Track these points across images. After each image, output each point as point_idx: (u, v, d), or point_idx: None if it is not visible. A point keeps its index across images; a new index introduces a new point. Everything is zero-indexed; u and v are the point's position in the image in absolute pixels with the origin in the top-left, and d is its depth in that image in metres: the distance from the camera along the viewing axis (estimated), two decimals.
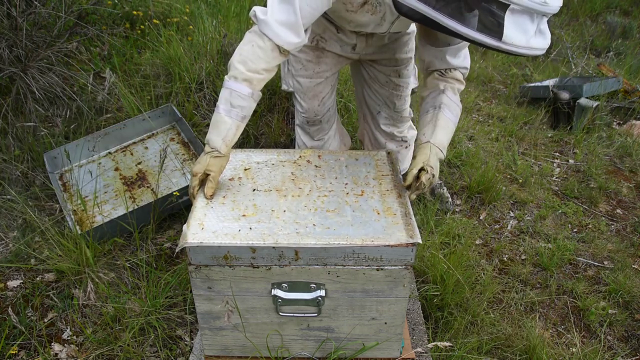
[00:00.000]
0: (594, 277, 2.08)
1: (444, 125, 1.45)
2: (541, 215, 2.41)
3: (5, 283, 1.75)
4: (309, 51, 1.70)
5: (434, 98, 1.49)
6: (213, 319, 1.30)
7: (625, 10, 6.23)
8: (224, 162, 1.35)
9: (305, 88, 1.76)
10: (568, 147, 3.08)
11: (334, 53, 1.72)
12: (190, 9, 3.43)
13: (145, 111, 2.33)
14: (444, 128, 1.45)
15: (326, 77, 1.77)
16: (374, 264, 1.21)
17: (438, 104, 1.47)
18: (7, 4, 2.30)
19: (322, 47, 1.68)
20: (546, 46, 1.10)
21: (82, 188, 2.06)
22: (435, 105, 1.47)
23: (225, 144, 1.32)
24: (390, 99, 1.85)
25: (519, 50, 1.07)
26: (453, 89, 1.50)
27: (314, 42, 1.68)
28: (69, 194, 2.08)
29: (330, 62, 1.73)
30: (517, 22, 1.04)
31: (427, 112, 1.49)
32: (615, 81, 3.56)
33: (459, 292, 1.78)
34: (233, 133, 1.33)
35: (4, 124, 2.29)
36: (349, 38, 1.66)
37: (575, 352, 1.69)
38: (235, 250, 1.19)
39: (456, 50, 1.46)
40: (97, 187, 2.07)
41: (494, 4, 1.03)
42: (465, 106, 3.44)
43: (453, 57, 1.47)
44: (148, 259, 1.87)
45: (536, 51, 1.09)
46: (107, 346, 1.55)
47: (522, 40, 1.06)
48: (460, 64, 1.49)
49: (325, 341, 1.34)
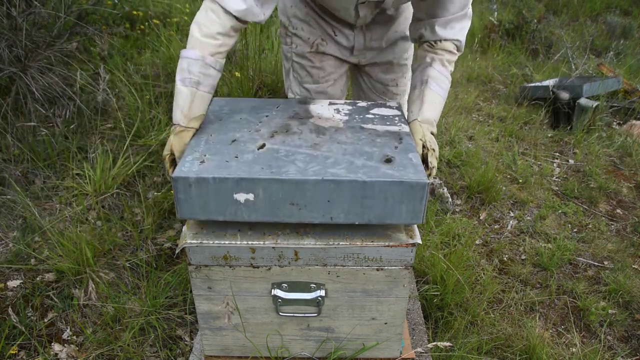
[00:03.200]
0: (594, 277, 2.08)
1: (431, 100, 1.42)
2: (541, 215, 2.41)
3: (5, 283, 1.75)
4: (310, 57, 1.68)
5: (421, 72, 1.46)
6: (213, 319, 1.30)
7: (625, 10, 6.23)
8: (185, 136, 1.28)
9: (314, 94, 1.73)
10: (568, 147, 3.08)
11: (335, 56, 1.71)
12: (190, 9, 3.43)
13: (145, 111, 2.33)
14: (430, 104, 1.41)
15: (334, 80, 1.74)
16: (374, 264, 1.21)
17: (425, 78, 1.43)
18: (7, 4, 2.31)
19: (323, 51, 1.67)
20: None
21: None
22: (423, 80, 1.44)
23: (183, 115, 1.27)
24: None
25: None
26: (442, 60, 1.45)
27: (314, 47, 1.66)
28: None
29: (333, 64, 1.71)
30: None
31: (414, 88, 1.46)
32: (615, 81, 3.56)
33: (459, 292, 1.78)
34: (190, 101, 1.26)
35: (4, 124, 2.29)
36: (346, 40, 1.65)
37: (575, 352, 1.69)
38: (235, 250, 1.19)
39: (446, 22, 1.41)
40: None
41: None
42: (465, 106, 3.44)
43: (443, 28, 1.42)
44: (148, 259, 1.87)
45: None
46: (107, 346, 1.56)
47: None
48: (451, 35, 1.44)
49: (325, 341, 1.35)
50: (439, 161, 2.66)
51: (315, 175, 1.09)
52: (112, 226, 1.98)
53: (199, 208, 1.12)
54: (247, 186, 1.09)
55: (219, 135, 1.27)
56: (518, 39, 4.84)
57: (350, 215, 1.13)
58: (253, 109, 1.43)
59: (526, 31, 4.86)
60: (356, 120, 1.38)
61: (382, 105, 1.50)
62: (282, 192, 1.10)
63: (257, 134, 1.28)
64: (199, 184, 1.09)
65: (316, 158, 1.16)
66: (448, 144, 2.88)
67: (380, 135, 1.29)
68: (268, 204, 1.11)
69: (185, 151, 1.20)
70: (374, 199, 1.11)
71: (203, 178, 1.08)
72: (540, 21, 5.12)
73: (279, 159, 1.15)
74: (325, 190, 1.09)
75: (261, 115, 1.39)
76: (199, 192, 1.10)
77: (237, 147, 1.21)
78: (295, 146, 1.22)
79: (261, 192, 1.10)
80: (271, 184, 1.09)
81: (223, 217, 1.13)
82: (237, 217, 1.13)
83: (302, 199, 1.11)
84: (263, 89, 2.71)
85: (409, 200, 1.10)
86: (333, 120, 1.37)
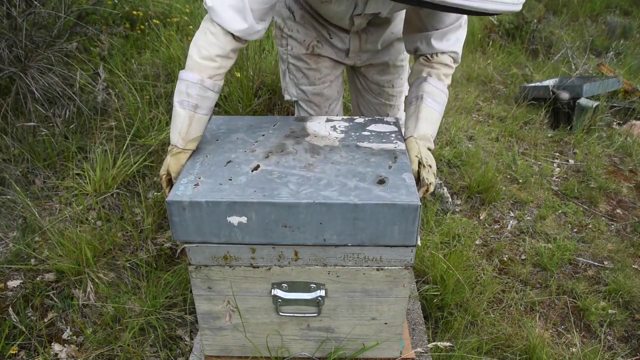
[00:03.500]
0: (594, 277, 2.08)
1: (426, 116, 1.40)
2: (541, 215, 2.41)
3: (5, 283, 1.75)
4: (306, 59, 1.68)
5: (417, 87, 1.44)
6: (213, 319, 1.30)
7: (625, 10, 6.23)
8: (182, 157, 1.29)
9: (311, 95, 1.73)
10: (568, 147, 3.08)
11: (330, 58, 1.70)
12: (190, 9, 3.44)
13: (145, 111, 2.33)
14: (426, 119, 1.40)
15: (330, 81, 1.73)
16: (374, 264, 1.21)
17: (420, 93, 1.42)
18: (7, 4, 2.31)
19: (318, 53, 1.66)
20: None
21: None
22: (418, 96, 1.42)
23: (181, 137, 1.27)
24: (383, 109, 1.83)
25: (504, 7, 1.01)
26: (438, 75, 1.43)
27: (309, 50, 1.66)
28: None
29: (329, 65, 1.71)
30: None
31: (410, 104, 1.45)
32: (615, 81, 3.56)
33: (459, 292, 1.78)
34: (187, 124, 1.27)
35: (4, 124, 2.29)
36: (341, 42, 1.65)
37: (575, 352, 1.69)
38: (235, 250, 1.19)
39: (442, 34, 1.40)
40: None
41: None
42: (465, 106, 3.44)
43: (439, 41, 1.40)
44: (148, 259, 1.87)
45: (515, 6, 1.04)
46: (107, 346, 1.56)
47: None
48: (448, 47, 1.42)
49: (325, 341, 1.35)
50: (438, 161, 2.66)
51: (307, 198, 1.10)
52: (112, 226, 1.98)
53: (193, 231, 1.14)
54: (240, 209, 1.10)
55: (214, 157, 1.28)
56: (518, 39, 4.84)
57: (343, 237, 1.14)
58: (250, 128, 1.43)
59: (526, 31, 4.86)
60: (352, 138, 1.38)
61: (380, 120, 1.49)
62: (274, 215, 1.11)
63: (252, 154, 1.29)
64: (193, 207, 1.11)
65: (309, 180, 1.17)
66: (448, 144, 2.88)
67: (375, 154, 1.29)
68: (261, 227, 1.13)
69: (181, 173, 1.21)
70: (365, 221, 1.11)
71: (197, 202, 1.10)
72: (540, 21, 5.12)
73: (272, 181, 1.16)
74: (317, 213, 1.10)
75: (257, 135, 1.39)
76: (192, 215, 1.12)
77: (232, 169, 1.22)
78: (289, 167, 1.22)
79: (254, 215, 1.11)
80: (264, 207, 1.10)
81: (217, 239, 1.15)
82: (231, 239, 1.15)
83: (295, 221, 1.12)
84: (263, 88, 2.71)
85: (401, 222, 1.11)
86: (329, 139, 1.37)
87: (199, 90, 1.26)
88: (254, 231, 1.14)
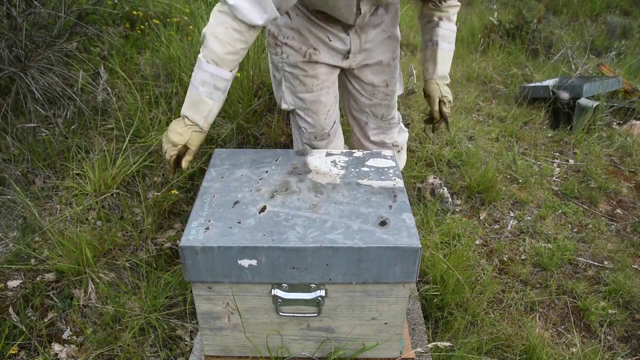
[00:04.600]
0: (594, 277, 2.08)
1: (442, 59, 1.68)
2: (541, 215, 2.41)
3: (5, 283, 1.75)
4: (303, 66, 1.67)
5: (430, 30, 1.68)
6: (213, 319, 1.30)
7: (625, 10, 6.23)
8: (203, 137, 1.40)
9: (309, 103, 1.73)
10: (568, 147, 3.08)
11: (327, 63, 1.70)
12: (190, 9, 3.44)
13: (145, 111, 2.33)
14: (442, 62, 1.68)
15: (328, 87, 1.73)
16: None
17: (435, 38, 1.66)
18: (7, 4, 2.31)
19: (315, 60, 1.66)
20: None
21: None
22: (433, 40, 1.67)
23: (207, 122, 1.38)
24: (378, 110, 1.83)
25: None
26: (448, 17, 1.65)
27: (306, 57, 1.66)
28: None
29: (325, 71, 1.71)
30: None
31: (426, 47, 1.71)
32: (615, 81, 3.56)
33: (459, 292, 1.78)
34: (215, 114, 1.39)
35: (4, 124, 2.29)
36: (342, 43, 1.65)
37: (575, 352, 1.69)
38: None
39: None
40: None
41: None
42: (465, 106, 3.44)
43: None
44: (148, 259, 1.87)
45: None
46: (107, 346, 1.56)
47: None
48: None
49: (325, 341, 1.35)
50: (439, 161, 2.67)
51: (314, 242, 1.15)
52: (112, 226, 1.98)
53: (205, 272, 1.19)
54: (250, 253, 1.16)
55: (221, 197, 1.32)
56: (518, 39, 4.84)
57: (348, 276, 1.20)
58: (253, 163, 1.48)
59: (526, 31, 4.86)
60: (352, 175, 1.43)
61: (378, 155, 1.55)
62: (283, 258, 1.16)
63: (257, 194, 1.33)
64: (205, 252, 1.15)
65: (315, 222, 1.22)
66: (448, 144, 2.88)
67: (376, 192, 1.35)
68: (270, 268, 1.18)
69: (190, 216, 1.25)
70: (369, 262, 1.17)
71: (209, 247, 1.15)
72: (540, 21, 5.12)
73: (280, 224, 1.21)
74: (323, 256, 1.16)
75: (261, 171, 1.44)
76: (205, 259, 1.17)
77: (240, 211, 1.26)
78: (295, 208, 1.27)
79: (264, 258, 1.16)
80: (273, 251, 1.15)
81: (228, 280, 1.21)
82: (241, 280, 1.21)
83: (302, 263, 1.17)
84: (263, 89, 2.70)
85: (402, 262, 1.17)
86: (330, 176, 1.42)
87: (225, 83, 1.36)
88: (263, 272, 1.19)
